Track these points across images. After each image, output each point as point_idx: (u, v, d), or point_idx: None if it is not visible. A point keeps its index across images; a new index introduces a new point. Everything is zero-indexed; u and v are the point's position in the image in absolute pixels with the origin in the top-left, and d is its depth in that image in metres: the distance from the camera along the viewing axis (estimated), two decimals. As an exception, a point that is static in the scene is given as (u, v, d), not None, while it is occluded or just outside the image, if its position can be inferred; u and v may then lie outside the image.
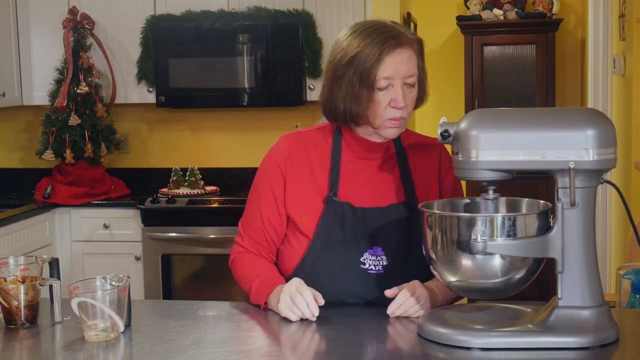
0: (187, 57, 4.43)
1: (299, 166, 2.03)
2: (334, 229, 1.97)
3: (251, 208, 2.09)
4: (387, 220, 1.97)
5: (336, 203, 1.98)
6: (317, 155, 2.03)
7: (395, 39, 1.92)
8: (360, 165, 2.02)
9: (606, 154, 1.60)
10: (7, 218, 4.01)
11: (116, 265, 4.24)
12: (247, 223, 2.10)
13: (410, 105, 1.96)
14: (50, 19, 4.54)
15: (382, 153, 2.03)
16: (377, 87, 1.91)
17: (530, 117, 1.67)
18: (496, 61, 5.55)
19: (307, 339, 1.74)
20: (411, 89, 1.95)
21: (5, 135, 4.99)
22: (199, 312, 1.97)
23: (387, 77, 1.91)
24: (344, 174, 2.01)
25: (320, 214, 1.98)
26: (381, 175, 2.02)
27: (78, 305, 1.71)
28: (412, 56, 1.94)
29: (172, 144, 4.86)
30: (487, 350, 1.60)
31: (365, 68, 1.90)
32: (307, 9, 4.37)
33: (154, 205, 4.26)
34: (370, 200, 1.99)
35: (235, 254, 2.10)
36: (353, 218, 1.97)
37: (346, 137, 2.03)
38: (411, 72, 1.93)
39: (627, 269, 2.07)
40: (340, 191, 1.99)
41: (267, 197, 2.04)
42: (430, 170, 2.06)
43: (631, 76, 3.89)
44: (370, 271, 1.96)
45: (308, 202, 2.00)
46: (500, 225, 1.62)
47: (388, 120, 1.94)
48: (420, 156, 2.06)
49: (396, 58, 1.91)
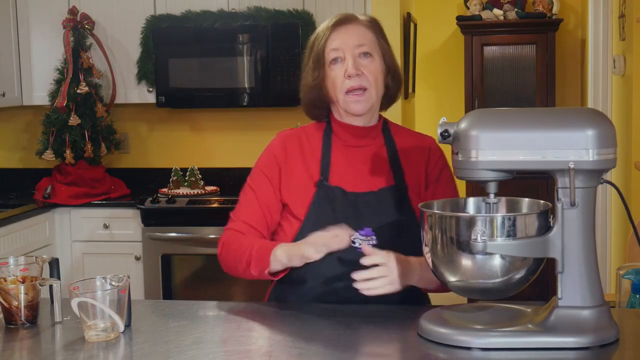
0: (187, 57, 4.43)
1: (293, 157, 2.09)
2: (325, 212, 2.01)
3: (246, 196, 2.12)
4: (378, 203, 2.02)
5: (327, 187, 2.03)
6: (310, 146, 2.10)
7: (344, 17, 2.06)
8: (350, 152, 2.08)
9: (606, 154, 1.60)
10: (7, 218, 4.01)
11: (116, 265, 4.23)
12: (241, 210, 2.12)
13: (371, 75, 2.03)
14: (50, 19, 4.54)
15: (370, 140, 2.09)
16: (329, 61, 2.02)
17: (530, 117, 1.67)
18: (496, 61, 5.55)
19: (307, 338, 1.74)
20: (369, 60, 2.03)
21: (5, 135, 4.99)
22: (199, 312, 1.97)
23: (335, 49, 2.02)
24: (335, 161, 2.07)
25: (312, 198, 2.03)
26: (371, 162, 2.08)
27: (78, 305, 1.71)
28: (363, 30, 2.05)
29: (172, 144, 4.86)
30: (487, 350, 1.60)
31: (319, 48, 2.05)
32: (307, 9, 4.37)
33: (154, 205, 4.26)
34: (361, 186, 2.04)
35: (225, 237, 2.09)
36: (344, 201, 2.01)
37: (335, 127, 2.11)
38: (361, 41, 2.03)
39: (627, 269, 2.07)
40: (332, 177, 2.05)
41: (263, 183, 2.09)
42: (419, 160, 2.10)
43: (631, 76, 3.89)
44: (359, 250, 1.97)
45: (301, 188, 2.06)
46: (500, 225, 1.62)
47: (347, 93, 2.02)
48: (410, 147, 2.11)
49: (343, 31, 2.04)
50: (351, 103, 2.03)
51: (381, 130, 2.12)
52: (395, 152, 2.09)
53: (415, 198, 2.05)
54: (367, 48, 2.04)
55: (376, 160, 2.08)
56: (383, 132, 2.12)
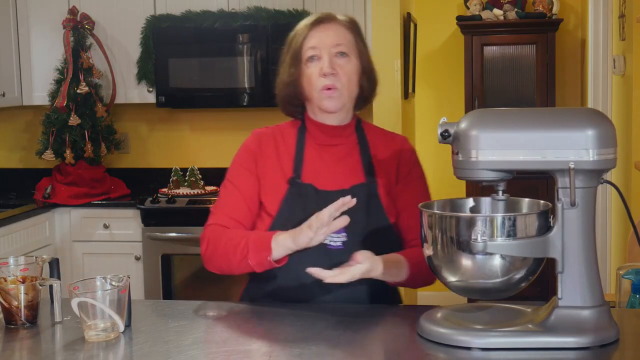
0: (187, 57, 4.43)
1: (267, 154, 2.11)
2: (296, 209, 2.03)
3: (227, 191, 2.13)
4: None
5: (299, 184, 2.06)
6: (284, 144, 2.12)
7: (324, 17, 2.09)
8: (323, 150, 2.11)
9: (606, 154, 1.60)
10: (7, 218, 4.01)
11: (116, 265, 4.23)
12: (224, 205, 2.11)
13: (345, 75, 2.06)
14: (50, 19, 4.54)
15: (343, 139, 2.12)
16: (305, 59, 2.05)
17: (530, 117, 1.67)
18: (496, 61, 5.55)
19: (307, 339, 1.74)
20: (346, 60, 2.06)
21: (5, 135, 4.99)
22: (199, 312, 1.97)
23: (312, 47, 2.05)
24: (307, 160, 2.09)
25: (284, 195, 2.05)
26: (343, 160, 2.10)
27: (78, 305, 1.71)
28: (342, 30, 2.09)
29: (172, 144, 4.86)
30: (487, 350, 1.60)
31: (297, 45, 2.07)
32: (307, 9, 4.37)
33: (154, 205, 4.26)
34: (333, 184, 2.06)
35: (211, 233, 2.07)
36: (316, 199, 2.03)
37: (309, 126, 2.13)
38: (339, 41, 2.06)
39: (627, 269, 2.07)
40: (304, 174, 2.07)
41: (245, 178, 2.11)
42: (390, 158, 2.12)
43: (631, 76, 3.89)
44: (329, 246, 2.01)
45: (274, 184, 2.08)
46: (500, 225, 1.62)
47: (321, 91, 2.04)
48: (382, 145, 2.14)
49: (321, 30, 2.07)
50: (324, 100, 2.06)
51: (354, 129, 2.15)
52: (367, 151, 2.12)
53: (385, 195, 2.08)
54: (344, 48, 2.06)
55: (348, 159, 2.11)
56: (356, 130, 2.15)
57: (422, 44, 5.49)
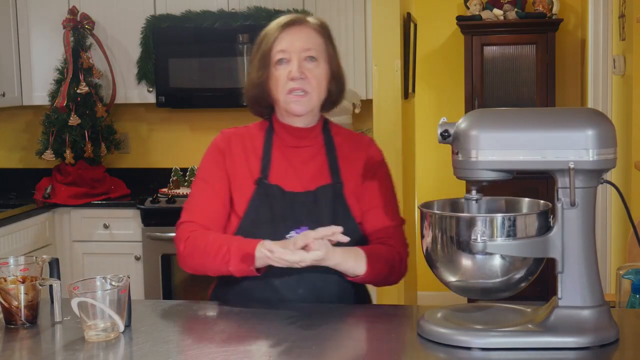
0: (187, 57, 4.43)
1: (236, 155, 2.12)
2: (263, 210, 2.05)
3: (200, 189, 2.12)
4: (315, 203, 2.05)
5: (266, 185, 2.07)
6: (252, 145, 2.14)
7: (295, 19, 2.09)
8: (290, 152, 2.12)
9: (606, 154, 1.60)
10: (7, 218, 4.01)
11: (116, 265, 4.23)
12: (197, 203, 2.11)
13: (315, 80, 2.06)
14: (50, 19, 4.54)
15: (310, 141, 2.13)
16: (275, 61, 2.05)
17: (530, 117, 1.67)
18: (496, 61, 5.54)
19: (307, 339, 1.74)
20: (315, 65, 2.06)
21: (5, 135, 4.99)
22: (199, 312, 1.97)
23: (282, 50, 2.05)
24: (275, 161, 2.10)
25: (251, 195, 2.06)
26: (310, 162, 2.11)
27: (78, 305, 1.71)
28: (312, 34, 2.08)
29: (172, 144, 4.86)
30: (487, 350, 1.60)
31: (266, 47, 2.07)
32: (307, 9, 4.37)
33: (154, 205, 4.26)
34: (299, 186, 2.07)
35: (190, 232, 2.06)
36: (282, 200, 2.05)
37: (276, 127, 2.14)
38: (309, 46, 2.06)
39: (627, 269, 2.07)
40: (271, 176, 2.08)
41: (217, 176, 2.11)
42: (357, 158, 2.13)
43: (631, 76, 3.89)
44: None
45: (242, 185, 2.09)
46: (500, 225, 1.62)
47: (289, 94, 2.05)
48: (349, 146, 2.15)
49: (292, 33, 2.07)
50: (292, 103, 2.06)
51: (321, 130, 2.15)
52: (333, 152, 2.13)
53: (351, 196, 2.09)
54: (314, 52, 2.06)
55: (314, 160, 2.12)
56: (323, 132, 2.15)
57: (422, 44, 5.48)
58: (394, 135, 4.11)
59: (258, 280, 2.00)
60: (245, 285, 2.04)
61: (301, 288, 2.01)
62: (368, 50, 4.35)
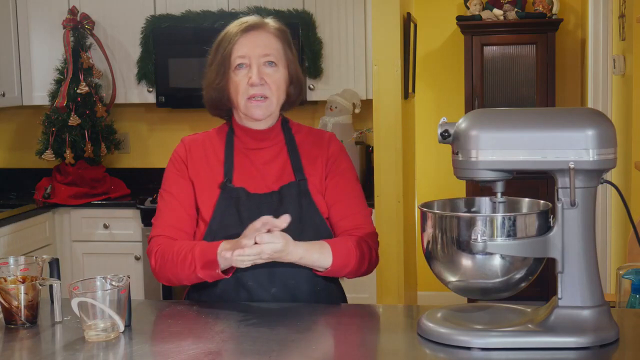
0: (187, 57, 4.43)
1: (197, 161, 2.13)
2: (229, 213, 2.05)
3: (166, 201, 2.13)
4: (280, 202, 2.06)
5: (231, 189, 2.07)
6: (213, 150, 2.15)
7: (254, 24, 2.09)
8: (252, 154, 2.13)
9: (606, 154, 1.60)
10: (7, 218, 4.01)
11: (116, 265, 4.24)
12: (164, 216, 2.12)
13: (274, 84, 2.07)
14: (50, 19, 4.54)
15: (271, 142, 2.14)
16: (234, 67, 2.06)
17: (530, 117, 1.67)
18: (496, 61, 5.54)
19: (307, 339, 1.74)
20: (274, 70, 2.07)
21: (5, 135, 4.99)
22: (199, 312, 1.97)
23: (241, 56, 2.06)
24: (237, 164, 2.11)
25: (216, 200, 2.06)
26: (272, 162, 2.12)
27: (78, 305, 1.71)
28: (271, 39, 2.09)
29: (172, 144, 4.83)
30: (487, 350, 1.60)
31: (226, 52, 2.08)
32: (307, 9, 4.37)
33: (154, 205, 4.26)
34: (264, 187, 2.08)
35: (158, 246, 2.07)
36: (248, 203, 2.05)
37: (236, 130, 2.15)
38: (268, 51, 2.07)
39: (627, 269, 2.07)
40: (235, 179, 2.09)
41: (181, 186, 2.12)
42: (318, 154, 2.14)
43: (631, 76, 3.89)
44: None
45: (206, 191, 2.09)
46: (500, 225, 1.62)
47: (249, 99, 2.06)
48: (310, 142, 2.16)
49: (251, 39, 2.07)
50: (252, 108, 2.07)
51: (281, 129, 2.16)
52: (295, 149, 2.14)
53: (316, 191, 2.10)
54: (273, 58, 2.07)
55: (277, 160, 2.13)
56: (283, 131, 2.16)
57: (422, 44, 5.48)
58: (394, 135, 4.11)
59: (230, 281, 2.01)
60: (219, 287, 2.04)
61: (274, 287, 2.02)
62: (368, 50, 4.35)
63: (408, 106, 4.68)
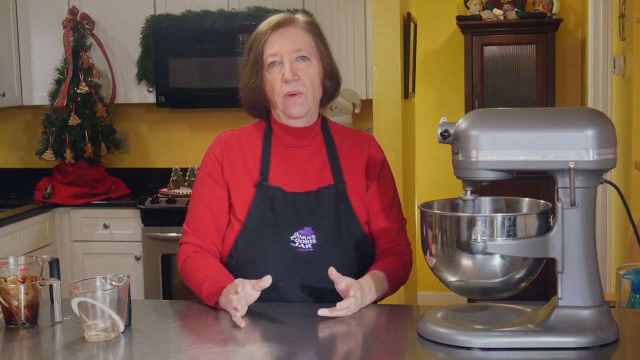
0: (187, 57, 4.43)
1: (233, 158, 2.11)
2: (264, 211, 2.04)
3: (196, 203, 2.13)
4: (317, 203, 2.05)
5: (267, 187, 2.06)
6: (250, 147, 2.12)
7: (283, 20, 2.07)
8: (290, 152, 2.11)
9: (606, 154, 1.60)
10: (7, 218, 4.01)
11: (116, 265, 4.24)
12: (193, 219, 2.13)
13: (308, 79, 2.05)
14: (50, 19, 4.54)
15: (309, 140, 2.12)
16: (267, 65, 2.04)
17: (530, 117, 1.67)
18: (496, 61, 5.54)
19: (307, 338, 1.74)
20: (307, 64, 2.05)
21: (5, 135, 4.99)
22: (199, 312, 1.97)
23: (273, 54, 2.04)
24: (274, 162, 2.09)
25: (252, 199, 2.05)
26: (310, 162, 2.10)
27: (78, 305, 1.71)
28: (301, 33, 2.07)
29: (172, 144, 4.86)
30: (487, 350, 1.60)
31: (257, 51, 2.06)
32: (307, 9, 4.37)
33: (154, 205, 4.26)
34: (300, 186, 2.07)
35: (184, 258, 2.10)
36: (284, 201, 2.04)
37: (274, 128, 2.13)
38: (299, 46, 2.05)
39: (627, 269, 2.07)
40: (271, 178, 2.07)
41: (211, 186, 2.11)
42: (358, 157, 2.13)
43: (631, 76, 3.89)
44: (299, 249, 2.01)
45: (242, 189, 2.08)
46: (500, 225, 1.62)
47: (285, 96, 2.05)
48: (349, 144, 2.14)
49: (281, 35, 2.05)
50: (289, 106, 2.06)
51: (320, 129, 2.15)
52: (334, 151, 2.12)
53: (354, 196, 2.08)
54: (305, 52, 2.05)
55: (315, 160, 2.11)
56: (322, 131, 2.15)
57: (422, 44, 5.48)
58: (394, 135, 4.11)
59: (268, 265, 1.99)
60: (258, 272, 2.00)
61: (305, 290, 2.01)
62: (368, 50, 4.35)
63: (408, 106, 4.68)
